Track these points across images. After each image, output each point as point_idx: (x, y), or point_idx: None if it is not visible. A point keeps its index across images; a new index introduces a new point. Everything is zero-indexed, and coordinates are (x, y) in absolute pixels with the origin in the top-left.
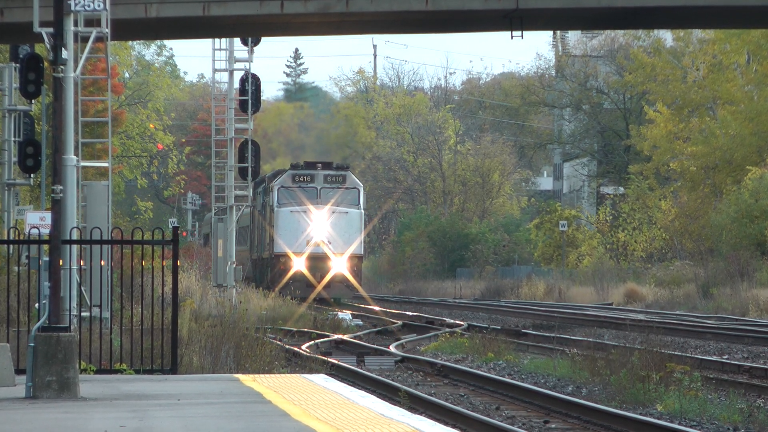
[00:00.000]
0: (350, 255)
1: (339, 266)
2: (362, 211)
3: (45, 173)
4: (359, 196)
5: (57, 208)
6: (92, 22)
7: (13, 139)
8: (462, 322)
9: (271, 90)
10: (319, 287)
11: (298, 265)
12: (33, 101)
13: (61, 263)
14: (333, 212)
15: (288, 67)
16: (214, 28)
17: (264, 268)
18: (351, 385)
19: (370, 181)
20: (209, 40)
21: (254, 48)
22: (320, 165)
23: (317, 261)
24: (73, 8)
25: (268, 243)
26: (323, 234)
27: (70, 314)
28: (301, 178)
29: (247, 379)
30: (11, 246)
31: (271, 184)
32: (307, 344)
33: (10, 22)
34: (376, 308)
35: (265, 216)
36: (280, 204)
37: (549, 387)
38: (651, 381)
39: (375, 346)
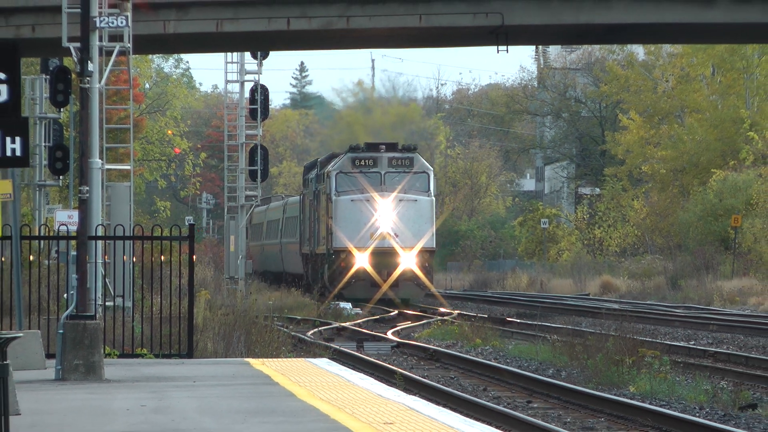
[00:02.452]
0: (421, 249)
1: (408, 262)
2: (433, 198)
3: (73, 175)
4: (429, 181)
5: (83, 207)
6: (115, 37)
7: (43, 144)
8: (452, 311)
9: (278, 99)
10: (385, 286)
11: (361, 261)
12: (62, 109)
13: (87, 258)
14: (400, 200)
15: (294, 78)
16: (227, 43)
17: (319, 264)
18: (351, 369)
19: None
20: (222, 54)
21: (263, 61)
22: (384, 146)
23: (383, 257)
24: (98, 25)
25: (324, 236)
26: (389, 225)
27: (95, 304)
28: (363, 162)
29: (256, 363)
30: (42, 242)
31: (326, 169)
32: (312, 331)
33: (40, 38)
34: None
35: (319, 206)
36: (339, 192)
37: (531, 370)
38: (624, 365)
39: (373, 333)
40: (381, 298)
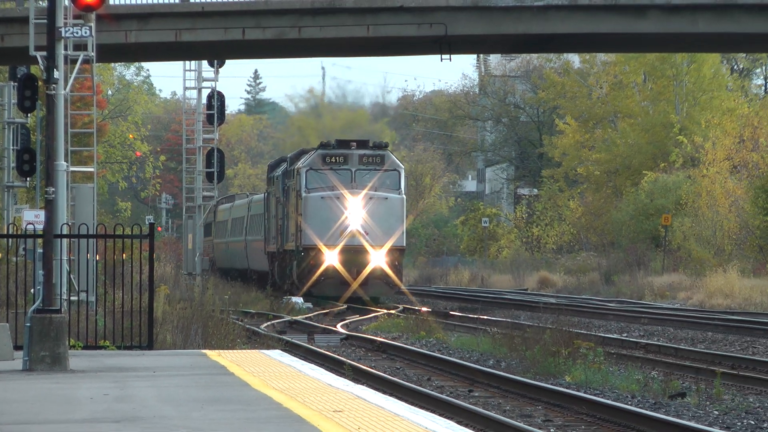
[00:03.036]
0: (390, 247)
1: (378, 260)
2: (404, 196)
3: (39, 177)
4: (400, 179)
5: (50, 207)
6: (80, 46)
7: (11, 147)
8: (398, 305)
9: (234, 105)
10: (355, 284)
11: (331, 259)
12: (29, 115)
13: (53, 255)
14: (371, 198)
15: (248, 85)
16: (185, 52)
17: (287, 261)
18: (303, 360)
19: None
20: (181, 62)
21: (219, 69)
22: (354, 144)
23: (353, 254)
24: (63, 35)
25: (293, 233)
26: (359, 223)
27: (60, 298)
28: (333, 159)
29: (213, 354)
30: (10, 240)
31: (295, 165)
32: (265, 324)
33: (9, 47)
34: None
35: (288, 202)
36: (309, 189)
37: (473, 361)
38: (560, 356)
39: (323, 326)
40: (351, 297)
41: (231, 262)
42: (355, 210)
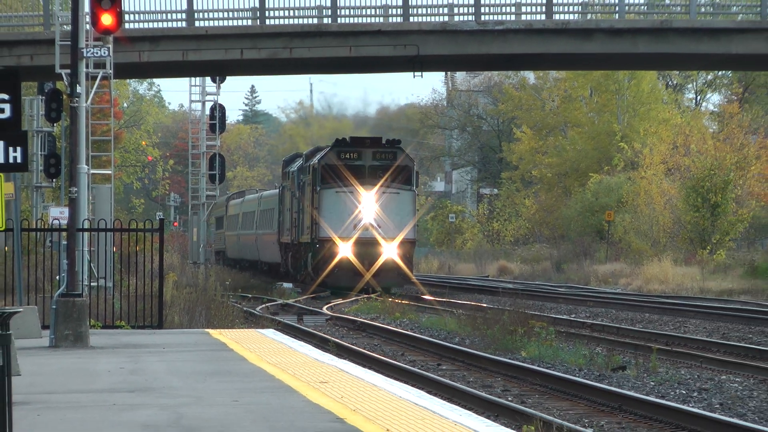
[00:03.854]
0: (402, 240)
1: (390, 252)
2: (415, 191)
3: (64, 178)
4: (412, 175)
5: (73, 204)
6: (99, 65)
7: (39, 153)
8: (430, 296)
9: (233, 116)
10: (368, 275)
11: (345, 251)
12: (54, 124)
13: (75, 246)
14: (383, 193)
15: (246, 98)
16: (191, 69)
17: (301, 253)
18: (293, 337)
19: None
20: (187, 78)
21: (221, 84)
22: (368, 141)
23: (366, 247)
24: (85, 55)
25: (308, 227)
26: (372, 217)
27: (82, 284)
28: (348, 155)
29: (214, 333)
30: (38, 233)
31: (311, 162)
32: (260, 307)
33: (37, 65)
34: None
35: (303, 197)
36: (324, 184)
37: (441, 339)
38: (517, 334)
39: (311, 308)
40: (363, 287)
41: (242, 254)
42: (368, 204)
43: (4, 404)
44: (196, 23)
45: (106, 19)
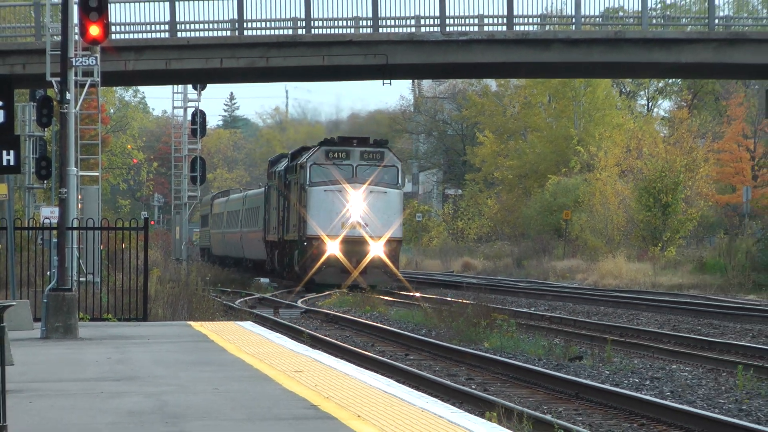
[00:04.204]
0: (389, 238)
1: (377, 250)
2: (402, 191)
3: (54, 180)
4: (398, 175)
5: (62, 204)
6: (87, 73)
7: (31, 155)
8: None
9: (213, 121)
10: (355, 273)
11: (332, 249)
12: (45, 129)
13: (65, 244)
14: (371, 192)
15: (225, 105)
16: (173, 77)
17: (287, 251)
18: (269, 329)
19: None
20: (170, 86)
21: (201, 92)
22: (356, 141)
23: (353, 245)
24: (74, 64)
25: (294, 225)
26: (360, 215)
27: (71, 279)
28: (336, 155)
29: (196, 325)
30: (30, 231)
31: (298, 161)
32: (239, 300)
33: (29, 73)
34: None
35: (289, 195)
36: (313, 182)
37: (409, 330)
38: (480, 326)
39: (287, 302)
40: (351, 284)
41: (226, 251)
42: (356, 203)
43: None
44: (179, 34)
45: (94, 30)
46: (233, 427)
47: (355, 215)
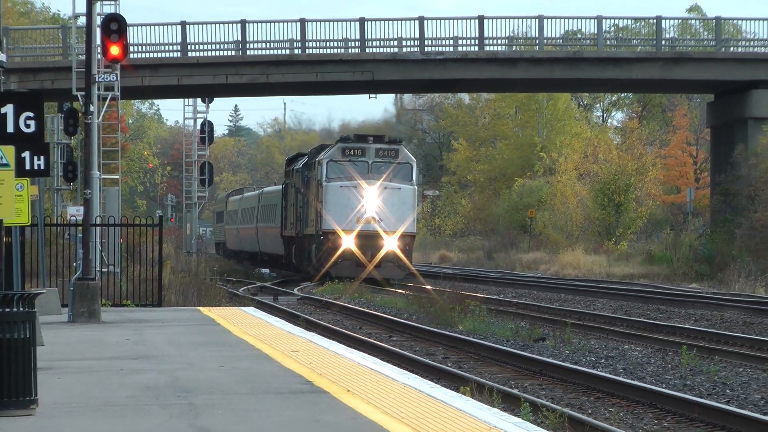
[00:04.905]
0: (402, 233)
1: (391, 245)
2: (415, 187)
3: (79, 182)
4: (412, 172)
5: (87, 204)
6: (109, 88)
7: (59, 161)
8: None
9: (220, 130)
10: (370, 267)
11: (348, 243)
12: (71, 137)
13: (89, 238)
14: (385, 188)
15: (230, 116)
16: (185, 91)
17: (305, 245)
18: (269, 314)
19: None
20: (182, 99)
21: (209, 104)
22: (371, 138)
23: (368, 239)
24: (97, 80)
25: (312, 219)
26: (375, 210)
27: (94, 270)
28: (352, 152)
29: (204, 310)
30: (59, 228)
31: (317, 158)
32: (242, 288)
33: (58, 88)
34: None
35: (308, 191)
36: (329, 179)
37: (392, 315)
38: (455, 311)
39: (285, 290)
40: (365, 278)
41: (241, 246)
42: (371, 198)
43: (30, 369)
44: (189, 53)
45: (114, 50)
46: (237, 400)
47: (370, 210)
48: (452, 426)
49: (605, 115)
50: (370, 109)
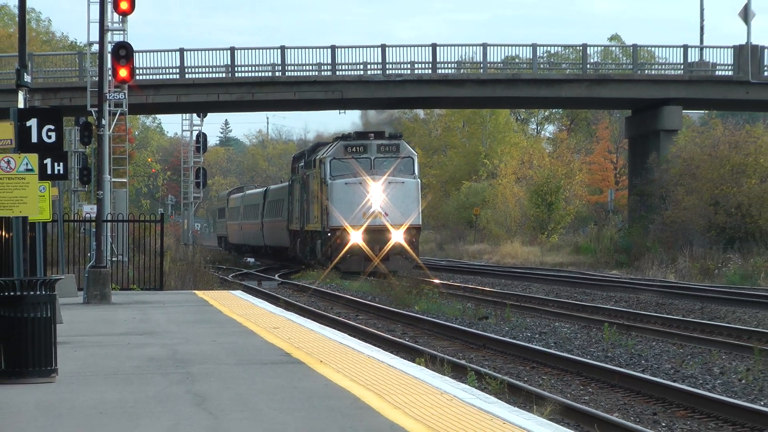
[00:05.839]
0: (408, 226)
1: (397, 238)
2: (418, 180)
3: (93, 185)
4: (414, 165)
5: (99, 203)
6: (118, 104)
7: (76, 166)
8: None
9: (212, 141)
10: (377, 260)
11: (355, 238)
12: (86, 146)
13: (101, 233)
14: (389, 183)
15: (221, 128)
16: (182, 108)
17: (307, 240)
18: (254, 296)
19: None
20: (180, 114)
21: (203, 118)
22: (372, 134)
23: (375, 233)
24: (108, 98)
25: (315, 216)
26: (380, 205)
27: (106, 259)
28: (354, 149)
29: (199, 293)
30: (75, 223)
31: (314, 157)
32: (232, 275)
33: (75, 105)
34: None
35: (308, 189)
36: (334, 176)
37: (359, 297)
38: (412, 294)
39: (267, 276)
40: (372, 271)
41: (244, 239)
42: (376, 194)
43: (51, 343)
44: (186, 75)
45: (123, 73)
46: (227, 370)
47: (376, 205)
48: (409, 391)
49: (539, 127)
50: (340, 122)
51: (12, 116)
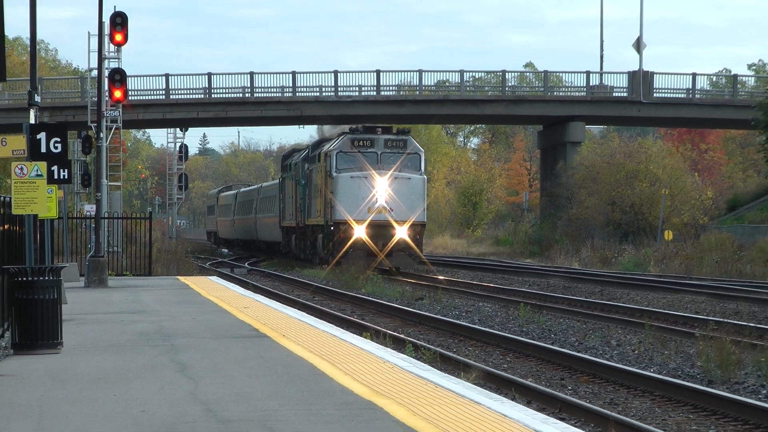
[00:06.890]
0: (413, 222)
1: (401, 234)
2: (425, 177)
3: (92, 188)
4: (421, 162)
5: (98, 203)
6: (114, 120)
7: (78, 172)
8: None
9: (193, 150)
10: (381, 256)
11: (359, 233)
12: (87, 155)
13: (100, 228)
14: (395, 178)
15: (200, 141)
16: (168, 123)
17: (307, 235)
18: (228, 281)
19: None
20: (165, 129)
21: (185, 132)
22: (380, 129)
23: (379, 229)
24: (105, 115)
25: (318, 210)
26: (385, 200)
27: (103, 250)
28: (361, 143)
29: (181, 278)
30: (77, 220)
31: (320, 150)
32: (209, 263)
33: (77, 121)
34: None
35: (311, 182)
36: (339, 170)
37: (316, 282)
38: (360, 279)
39: (238, 264)
40: (376, 266)
41: (236, 234)
42: (381, 189)
43: (57, 320)
44: (171, 96)
45: (118, 94)
46: (204, 342)
47: (381, 200)
48: (358, 360)
49: (466, 140)
50: (300, 135)
51: (24, 130)
